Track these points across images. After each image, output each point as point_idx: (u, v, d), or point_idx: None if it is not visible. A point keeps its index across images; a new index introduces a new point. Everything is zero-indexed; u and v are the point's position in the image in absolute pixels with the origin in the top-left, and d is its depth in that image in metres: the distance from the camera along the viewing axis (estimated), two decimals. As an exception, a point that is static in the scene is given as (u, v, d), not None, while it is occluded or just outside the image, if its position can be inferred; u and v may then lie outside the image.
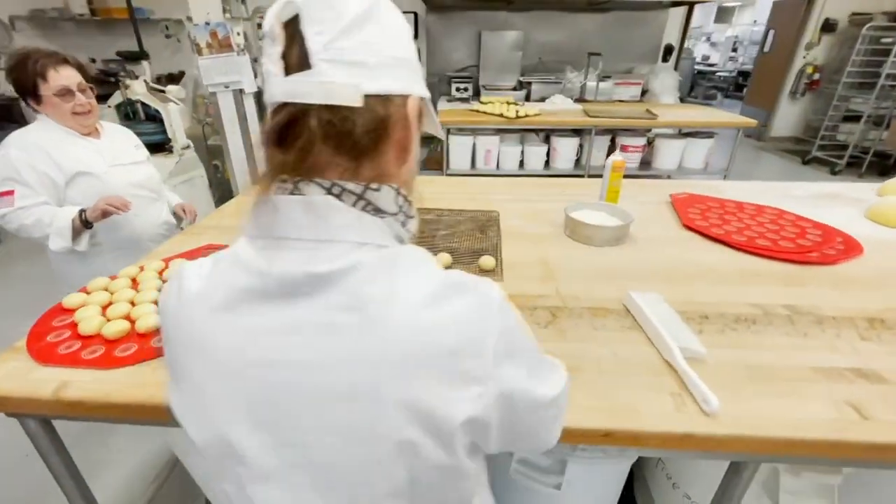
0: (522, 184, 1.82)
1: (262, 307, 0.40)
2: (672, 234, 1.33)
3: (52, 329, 0.88)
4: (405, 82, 0.43)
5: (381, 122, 0.41)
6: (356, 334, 0.38)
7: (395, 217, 0.43)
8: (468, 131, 3.80)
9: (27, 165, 1.29)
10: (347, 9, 0.38)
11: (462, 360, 0.39)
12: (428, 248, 1.17)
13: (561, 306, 0.98)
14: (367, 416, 0.38)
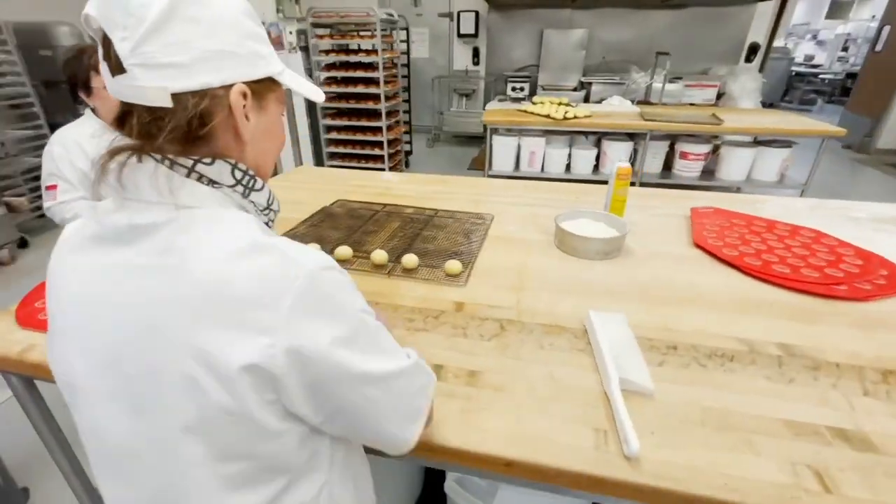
0: (538, 188, 1.73)
1: (97, 250, 0.46)
2: (676, 252, 1.19)
3: (41, 297, 0.98)
4: (227, 73, 0.45)
5: (199, 114, 0.43)
6: (160, 277, 0.42)
7: (232, 188, 0.48)
8: (515, 132, 3.71)
9: (67, 162, 1.41)
10: (148, 12, 0.39)
11: (252, 309, 0.41)
12: (404, 247, 1.16)
13: (514, 320, 0.92)
14: (161, 351, 0.42)
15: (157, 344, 0.42)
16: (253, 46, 0.47)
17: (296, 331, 0.41)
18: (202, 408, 0.42)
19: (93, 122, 1.47)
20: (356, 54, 3.53)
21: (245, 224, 0.46)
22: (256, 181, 0.50)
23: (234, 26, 0.45)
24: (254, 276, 0.41)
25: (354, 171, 2.09)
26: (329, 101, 3.60)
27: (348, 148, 3.65)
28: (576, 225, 1.24)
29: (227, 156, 0.47)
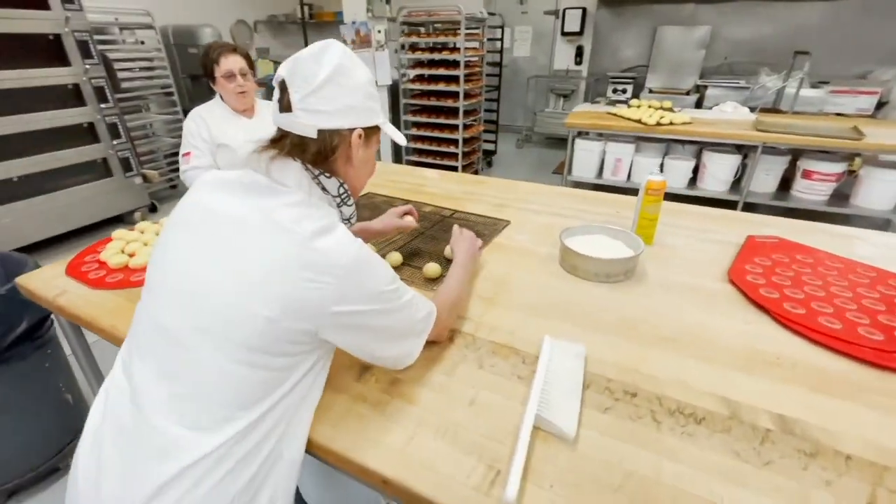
0: (581, 197, 1.59)
1: (224, 193, 0.63)
2: (702, 285, 1.01)
3: (92, 252, 1.17)
4: (352, 120, 0.65)
5: (331, 145, 0.65)
6: (266, 228, 0.58)
7: (333, 198, 0.69)
8: (602, 137, 3.45)
9: (196, 134, 1.68)
10: (316, 79, 0.61)
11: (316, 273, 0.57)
12: (401, 244, 1.15)
13: (467, 333, 0.86)
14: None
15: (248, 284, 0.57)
16: (370, 104, 0.68)
17: (337, 301, 0.57)
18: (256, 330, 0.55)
19: (218, 104, 1.70)
20: (440, 52, 3.58)
21: (329, 215, 0.63)
22: (350, 198, 0.71)
23: (361, 90, 0.65)
24: (323, 251, 0.57)
25: (396, 166, 2.13)
26: (413, 97, 3.72)
27: (426, 144, 3.74)
28: (587, 241, 1.12)
29: (339, 175, 0.69)
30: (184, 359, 0.57)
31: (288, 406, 0.60)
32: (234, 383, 0.56)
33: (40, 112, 2.68)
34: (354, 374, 0.76)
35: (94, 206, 3.05)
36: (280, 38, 6.11)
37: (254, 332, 0.55)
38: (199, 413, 0.55)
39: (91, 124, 2.94)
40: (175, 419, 0.55)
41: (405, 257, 1.12)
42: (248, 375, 0.56)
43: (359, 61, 0.67)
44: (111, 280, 1.05)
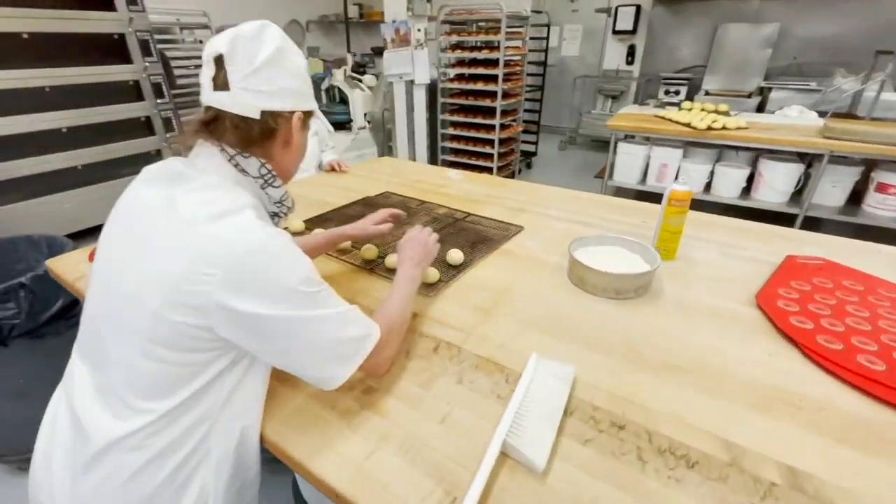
0: (606, 204, 1.50)
1: (146, 184, 0.63)
2: (724, 308, 0.91)
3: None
4: (293, 103, 0.64)
5: (271, 127, 0.63)
6: (165, 215, 0.57)
7: (255, 179, 0.65)
8: (648, 141, 3.27)
9: None
10: (258, 58, 0.59)
11: (204, 263, 0.53)
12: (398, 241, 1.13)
13: (454, 344, 0.82)
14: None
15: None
16: (306, 89, 0.67)
17: (225, 295, 0.52)
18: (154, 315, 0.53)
19: None
20: (480, 51, 3.53)
21: (235, 198, 0.59)
22: (276, 180, 0.67)
23: (300, 75, 0.65)
24: (212, 237, 0.54)
25: (421, 165, 2.10)
26: (451, 96, 3.69)
27: (462, 144, 3.70)
28: (600, 253, 1.04)
29: (262, 156, 0.65)
30: (102, 350, 0.59)
31: (210, 405, 0.58)
32: (141, 376, 0.55)
33: (104, 106, 2.89)
34: (330, 379, 0.74)
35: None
36: (330, 37, 6.28)
37: (149, 325, 0.53)
38: (116, 402, 0.56)
39: (148, 118, 3.14)
40: (98, 408, 0.57)
41: (406, 260, 1.09)
42: (153, 369, 0.55)
43: (295, 46, 0.65)
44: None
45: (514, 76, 3.70)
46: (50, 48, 2.64)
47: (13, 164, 2.61)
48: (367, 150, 3.48)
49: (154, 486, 0.56)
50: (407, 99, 3.27)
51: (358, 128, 3.33)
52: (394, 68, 3.19)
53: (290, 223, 1.24)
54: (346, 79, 3.34)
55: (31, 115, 2.62)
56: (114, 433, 0.55)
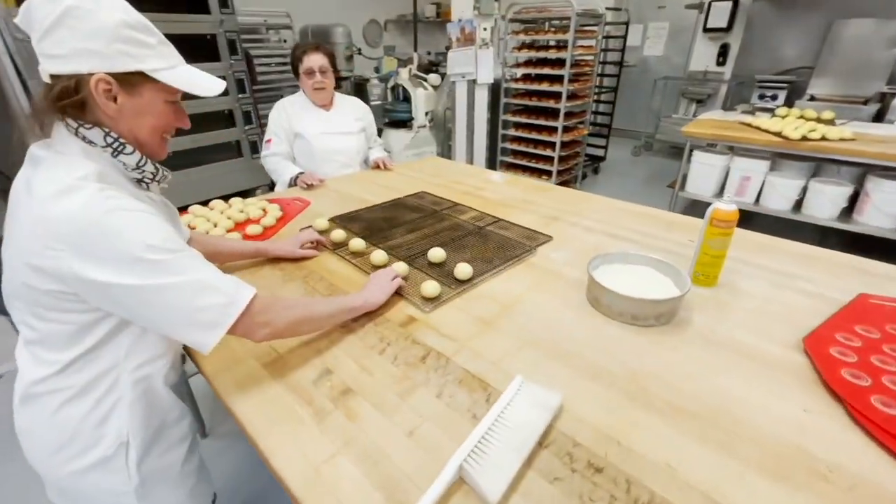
0: (651, 217, 1.38)
1: (22, 168, 0.64)
2: (761, 348, 0.79)
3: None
4: (93, 65, 0.60)
5: (71, 90, 0.61)
6: (25, 198, 0.60)
7: (102, 149, 0.64)
8: (730, 150, 2.96)
9: (277, 122, 1.87)
10: (46, 21, 0.58)
11: (53, 237, 0.58)
12: (419, 250, 1.12)
13: (444, 355, 0.79)
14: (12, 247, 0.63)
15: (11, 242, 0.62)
16: (124, 48, 0.61)
17: (77, 265, 0.56)
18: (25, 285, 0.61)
19: (300, 96, 1.86)
20: (547, 50, 3.40)
21: (76, 172, 0.59)
22: (125, 147, 0.66)
23: (106, 34, 0.59)
24: (57, 214, 0.56)
25: (463, 166, 2.07)
26: (514, 97, 3.60)
27: (522, 146, 3.60)
28: (624, 272, 0.95)
29: (104, 125, 0.64)
30: (12, 314, 0.67)
31: (113, 357, 0.67)
32: (40, 333, 0.64)
33: (194, 99, 3.20)
34: (314, 375, 0.75)
35: (226, 181, 3.56)
36: (407, 36, 6.43)
37: (27, 294, 0.60)
38: (33, 352, 0.67)
39: (230, 111, 3.43)
40: (26, 355, 0.68)
41: (416, 266, 1.07)
42: (45, 328, 0.63)
43: (108, 4, 0.60)
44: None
45: (582, 77, 3.53)
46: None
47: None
48: (427, 149, 3.52)
49: (75, 423, 0.67)
50: (468, 98, 3.25)
51: (418, 126, 3.37)
52: (456, 67, 3.18)
53: (314, 221, 1.27)
54: (410, 77, 3.39)
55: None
56: (32, 376, 0.66)
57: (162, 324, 0.63)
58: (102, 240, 0.57)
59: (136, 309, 0.61)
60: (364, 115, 1.97)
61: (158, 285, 0.59)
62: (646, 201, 1.52)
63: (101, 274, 0.57)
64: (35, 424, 0.69)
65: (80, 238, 0.56)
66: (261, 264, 1.11)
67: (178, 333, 0.64)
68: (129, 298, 0.59)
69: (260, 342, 0.72)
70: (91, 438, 0.68)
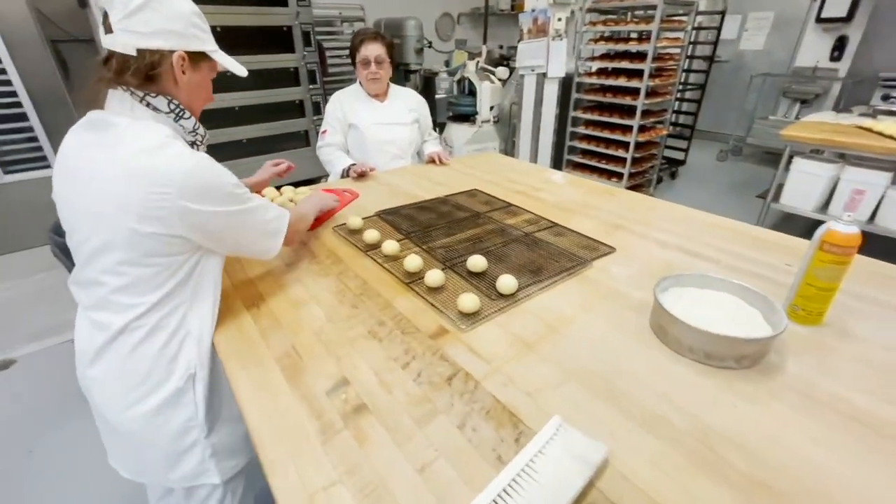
0: (730, 230, 1.18)
1: (74, 135, 0.74)
2: (876, 413, 0.61)
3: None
4: (173, 43, 0.72)
5: (152, 63, 0.71)
6: (105, 154, 0.68)
7: (167, 115, 0.75)
8: (841, 158, 2.55)
9: (332, 114, 1.88)
10: (126, 5, 0.67)
11: (156, 185, 0.67)
12: (460, 254, 1.03)
13: (473, 377, 0.69)
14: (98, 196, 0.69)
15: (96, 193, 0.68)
16: (194, 32, 0.74)
17: (183, 203, 0.67)
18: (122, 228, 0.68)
19: (356, 87, 1.85)
20: (626, 42, 3.13)
21: (160, 132, 0.70)
22: (185, 112, 0.77)
23: (183, 18, 0.72)
24: (160, 163, 0.66)
25: (522, 164, 1.93)
26: (587, 92, 3.37)
27: (592, 145, 3.36)
28: (702, 299, 0.80)
29: (168, 93, 0.75)
30: (90, 273, 0.72)
31: (183, 295, 0.76)
32: (128, 279, 0.70)
33: (268, 90, 3.34)
34: (329, 385, 0.69)
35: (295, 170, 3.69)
36: (479, 30, 6.31)
37: (128, 239, 0.67)
38: (111, 306, 0.73)
39: (301, 101, 3.54)
40: (99, 314, 0.74)
41: (455, 273, 0.98)
42: (136, 273, 0.70)
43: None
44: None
45: (665, 72, 3.22)
46: (236, 39, 3.13)
47: (199, 134, 3.17)
48: (489, 145, 3.40)
49: (150, 360, 0.74)
50: (536, 93, 3.09)
51: (482, 121, 3.26)
52: (526, 60, 3.03)
53: (348, 219, 1.21)
54: (477, 70, 3.29)
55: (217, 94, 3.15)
56: (112, 327, 0.72)
57: (244, 238, 0.81)
58: (204, 180, 0.70)
59: (227, 231, 0.76)
60: (418, 106, 1.91)
61: (244, 209, 0.77)
62: (730, 212, 1.31)
63: (205, 205, 0.69)
64: (110, 371, 0.75)
65: (186, 180, 0.67)
66: (299, 258, 1.08)
67: (255, 244, 0.83)
68: (225, 222, 0.74)
69: (291, 245, 1.00)
70: (165, 371, 0.76)
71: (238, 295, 0.94)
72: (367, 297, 0.91)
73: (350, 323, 0.84)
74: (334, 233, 1.21)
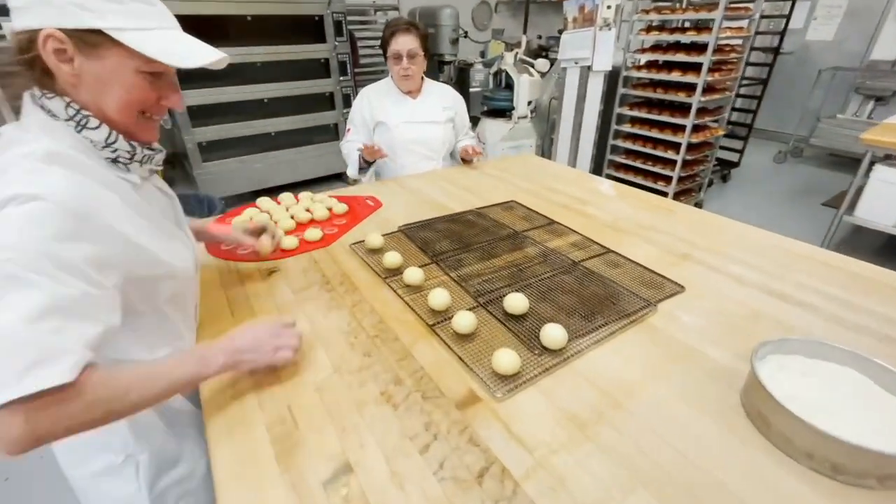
0: (835, 266, 0.96)
1: None
2: None
3: (237, 213, 1.25)
4: (44, 19, 0.50)
5: (22, 46, 0.52)
6: None
7: (66, 122, 0.55)
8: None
9: (358, 111, 1.73)
10: None
11: None
12: (498, 289, 0.88)
13: (510, 475, 0.53)
14: None
15: None
16: (85, 3, 0.51)
17: None
18: None
19: (387, 82, 1.69)
20: (683, 32, 2.83)
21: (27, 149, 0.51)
22: (90, 120, 0.56)
23: None
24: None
25: (563, 170, 1.72)
26: (635, 87, 3.09)
27: (638, 145, 3.09)
28: (813, 374, 0.61)
29: (64, 94, 0.55)
30: None
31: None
32: None
33: (297, 81, 3.24)
34: (328, 472, 0.55)
35: (322, 163, 3.60)
36: (518, 19, 6.04)
37: None
38: None
39: (331, 93, 3.42)
40: None
41: (488, 313, 0.82)
42: None
43: None
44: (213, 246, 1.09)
45: (726, 65, 2.91)
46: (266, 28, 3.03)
47: (227, 126, 3.11)
48: (525, 142, 3.19)
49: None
50: (579, 87, 2.86)
51: (518, 116, 3.05)
52: (569, 51, 2.80)
53: (367, 236, 1.06)
54: (515, 62, 3.08)
55: (245, 86, 3.07)
56: None
57: None
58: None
59: None
60: (454, 103, 1.74)
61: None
62: (791, 222, 1.13)
63: None
64: None
65: None
66: (309, 282, 0.95)
67: None
68: None
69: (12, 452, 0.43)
70: (100, 444, 0.66)
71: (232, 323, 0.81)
72: (382, 342, 0.76)
73: (361, 377, 0.69)
74: (351, 252, 1.06)
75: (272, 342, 0.65)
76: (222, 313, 0.85)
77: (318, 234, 1.11)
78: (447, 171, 1.70)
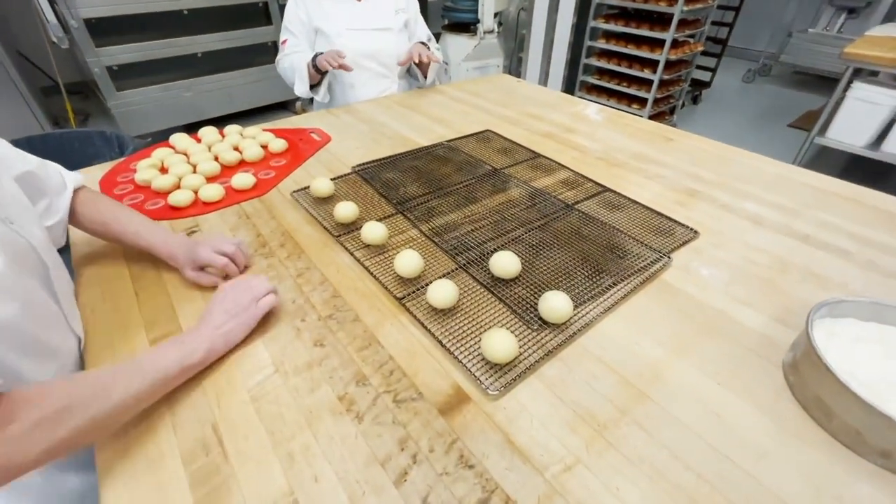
0: (863, 202, 0.85)
1: None
2: None
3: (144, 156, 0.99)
4: None
5: None
6: None
7: None
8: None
9: (295, 16, 1.40)
10: None
11: None
12: (483, 242, 0.71)
13: (519, 500, 0.41)
14: None
15: None
16: None
17: None
18: None
19: None
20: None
21: None
22: None
23: None
24: None
25: (543, 92, 1.49)
26: (610, -5, 2.78)
27: (612, 63, 2.84)
28: (882, 342, 0.50)
29: None
30: None
31: None
32: None
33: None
34: (270, 527, 0.40)
35: (263, 90, 3.15)
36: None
37: None
38: None
39: (265, 3, 2.91)
40: None
41: (472, 280, 0.66)
42: None
43: None
44: (121, 193, 0.85)
45: (709, -30, 2.64)
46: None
47: (142, 45, 2.60)
48: (491, 61, 2.87)
49: None
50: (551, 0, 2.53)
51: (484, 31, 2.70)
52: (542, -50, 2.43)
53: (313, 181, 0.84)
54: (480, -35, 2.67)
55: None
56: None
57: None
58: None
59: None
60: (407, 4, 1.44)
61: None
62: (760, 146, 1.01)
63: None
64: None
65: None
66: (240, 243, 0.74)
67: None
68: None
69: None
70: None
71: (140, 312, 0.61)
72: (338, 324, 0.59)
73: (312, 377, 0.52)
74: (293, 202, 0.85)
75: (247, 296, 0.56)
76: (131, 307, 0.64)
77: (251, 181, 0.88)
78: (407, 95, 1.44)
